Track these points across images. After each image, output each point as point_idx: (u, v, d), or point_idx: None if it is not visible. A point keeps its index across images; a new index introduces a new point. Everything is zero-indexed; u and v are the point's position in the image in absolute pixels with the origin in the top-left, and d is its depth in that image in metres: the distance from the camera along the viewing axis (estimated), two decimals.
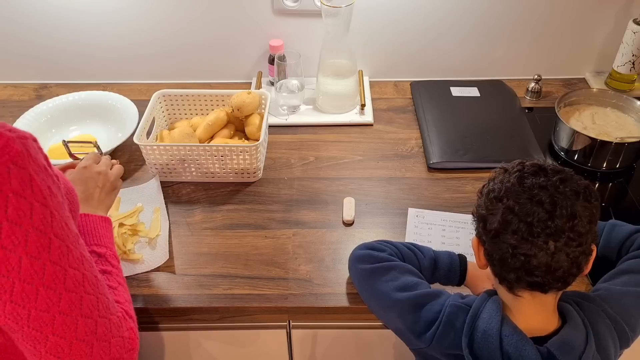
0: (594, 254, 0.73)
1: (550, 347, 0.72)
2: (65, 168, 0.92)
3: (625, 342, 0.78)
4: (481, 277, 0.91)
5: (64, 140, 1.06)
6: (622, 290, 0.81)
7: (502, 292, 0.77)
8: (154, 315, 0.96)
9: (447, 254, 0.93)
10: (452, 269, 0.91)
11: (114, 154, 1.24)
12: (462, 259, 0.93)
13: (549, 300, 0.75)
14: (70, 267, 0.57)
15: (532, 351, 0.71)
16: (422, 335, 0.78)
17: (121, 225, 1.05)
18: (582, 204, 0.70)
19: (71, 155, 1.05)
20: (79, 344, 0.59)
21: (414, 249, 0.91)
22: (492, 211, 0.72)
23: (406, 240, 1.02)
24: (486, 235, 0.74)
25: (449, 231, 1.06)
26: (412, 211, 1.11)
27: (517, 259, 0.70)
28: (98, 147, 1.06)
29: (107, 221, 0.83)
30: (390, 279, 0.83)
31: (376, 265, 0.85)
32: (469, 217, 1.08)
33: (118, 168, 0.95)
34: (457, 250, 0.94)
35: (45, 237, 0.54)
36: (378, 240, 0.92)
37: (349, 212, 1.10)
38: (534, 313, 0.75)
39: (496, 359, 0.72)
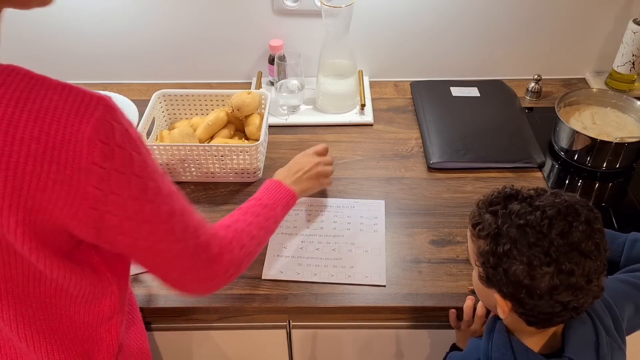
0: None
1: (569, 354, 0.71)
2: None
3: (619, 327, 0.78)
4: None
5: None
6: (620, 277, 0.82)
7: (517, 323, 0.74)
8: (154, 315, 0.96)
9: None
10: None
11: None
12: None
13: None
14: (162, 202, 0.64)
15: None
16: None
17: None
18: (600, 231, 0.69)
19: None
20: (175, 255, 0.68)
21: None
22: (538, 277, 0.67)
23: None
24: (530, 297, 0.68)
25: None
26: None
27: (571, 309, 0.68)
28: None
29: (292, 196, 0.96)
30: None
31: None
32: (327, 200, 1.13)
33: (330, 169, 1.09)
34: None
35: (142, 181, 0.61)
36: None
37: None
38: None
39: None
